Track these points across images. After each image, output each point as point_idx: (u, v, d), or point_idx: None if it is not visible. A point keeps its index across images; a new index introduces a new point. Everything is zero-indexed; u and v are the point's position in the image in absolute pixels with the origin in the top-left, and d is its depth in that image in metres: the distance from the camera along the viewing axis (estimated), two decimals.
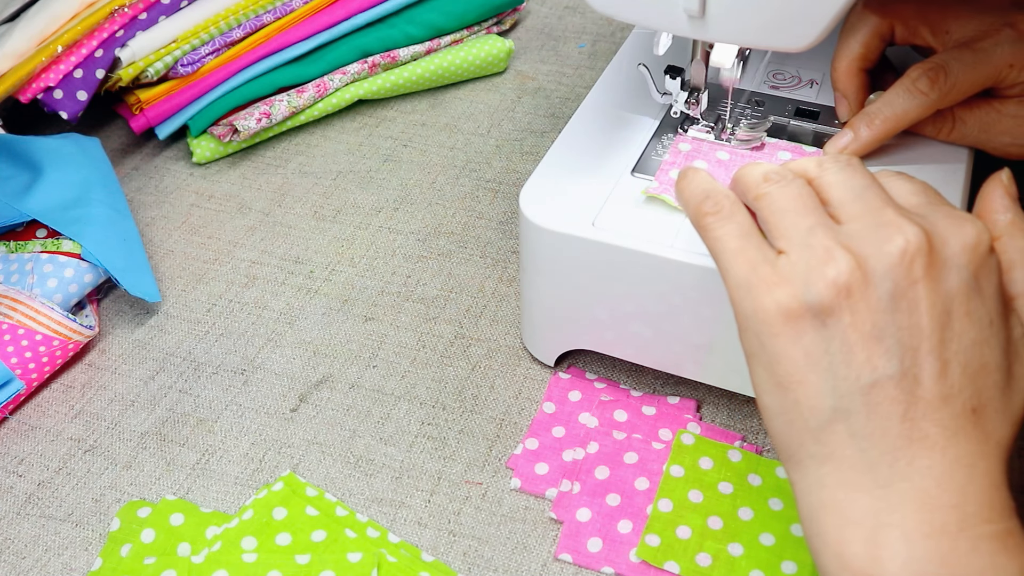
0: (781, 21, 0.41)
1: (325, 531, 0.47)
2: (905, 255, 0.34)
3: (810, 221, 0.36)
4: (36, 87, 0.66)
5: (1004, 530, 0.33)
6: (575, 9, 0.86)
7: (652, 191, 0.48)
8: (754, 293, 0.35)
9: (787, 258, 0.36)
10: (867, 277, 0.34)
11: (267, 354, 0.57)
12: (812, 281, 0.34)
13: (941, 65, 0.47)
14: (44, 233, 0.60)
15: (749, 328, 0.36)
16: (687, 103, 0.51)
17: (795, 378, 0.35)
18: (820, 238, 0.35)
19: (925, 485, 0.33)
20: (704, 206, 0.39)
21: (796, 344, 0.35)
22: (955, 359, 0.34)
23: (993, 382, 0.35)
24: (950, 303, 0.34)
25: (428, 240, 0.64)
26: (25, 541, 0.48)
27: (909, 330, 0.34)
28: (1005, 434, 0.35)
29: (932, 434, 0.34)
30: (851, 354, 0.34)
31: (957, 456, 0.34)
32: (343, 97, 0.74)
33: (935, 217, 0.36)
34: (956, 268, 0.35)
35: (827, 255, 0.35)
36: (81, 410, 0.54)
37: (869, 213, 0.36)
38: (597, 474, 0.49)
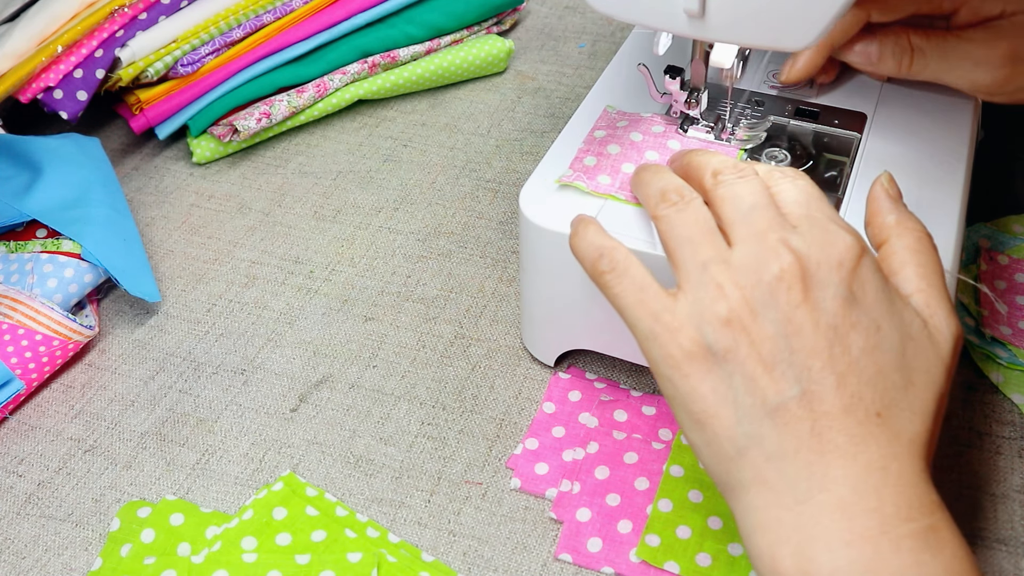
0: (781, 21, 0.41)
1: (325, 531, 0.47)
2: (782, 282, 0.36)
3: (705, 255, 0.38)
4: (36, 87, 0.66)
5: (926, 527, 0.34)
6: (575, 9, 0.86)
7: (565, 179, 0.49)
8: (660, 342, 0.38)
9: (684, 298, 0.38)
10: (753, 310, 0.36)
11: (267, 354, 0.57)
12: (706, 321, 0.37)
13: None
14: (44, 233, 0.60)
15: (661, 374, 0.38)
16: (687, 103, 0.51)
17: (708, 413, 0.37)
18: (712, 274, 0.37)
19: (841, 494, 0.35)
20: (599, 264, 0.41)
21: (703, 382, 0.37)
22: (850, 370, 0.36)
23: (892, 383, 0.36)
24: (834, 319, 0.36)
25: (428, 240, 0.64)
26: (25, 541, 0.48)
27: (801, 352, 0.36)
28: (917, 430, 0.36)
29: (841, 444, 0.35)
30: (753, 383, 0.36)
31: (868, 461, 0.35)
32: (343, 97, 0.74)
33: (811, 234, 0.38)
34: (832, 286, 0.36)
35: (718, 292, 0.37)
36: (81, 410, 0.54)
37: (753, 237, 0.38)
38: (597, 474, 0.49)
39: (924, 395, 0.36)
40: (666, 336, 0.38)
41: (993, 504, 0.47)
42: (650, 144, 0.51)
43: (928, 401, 0.36)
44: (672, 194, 0.41)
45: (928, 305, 0.38)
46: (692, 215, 0.40)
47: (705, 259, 0.38)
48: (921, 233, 0.40)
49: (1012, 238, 0.59)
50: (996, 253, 0.58)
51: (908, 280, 0.39)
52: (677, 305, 0.38)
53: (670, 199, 0.41)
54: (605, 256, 0.41)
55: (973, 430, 0.50)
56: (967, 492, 0.47)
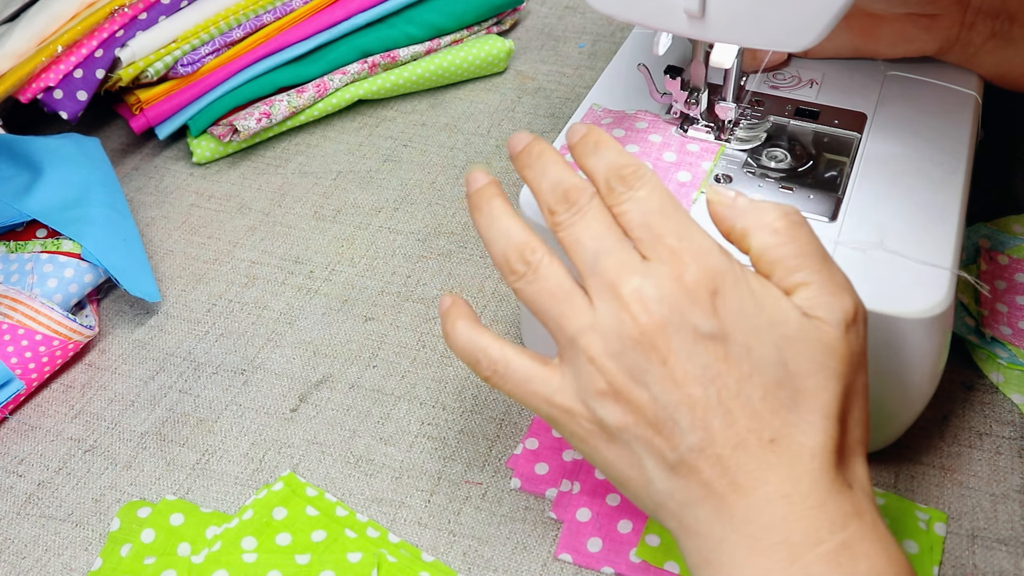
0: (781, 21, 0.41)
1: (325, 531, 0.47)
2: (643, 342, 0.36)
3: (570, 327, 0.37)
4: (36, 87, 0.66)
5: (836, 546, 0.34)
6: (575, 9, 0.86)
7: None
8: (561, 423, 0.39)
9: (567, 373, 0.38)
10: (631, 375, 0.36)
11: (267, 354, 0.57)
12: (591, 397, 0.37)
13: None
14: (44, 233, 0.60)
15: (575, 447, 0.39)
16: (686, 103, 0.51)
17: (623, 477, 0.38)
18: (582, 346, 0.37)
19: (749, 531, 0.35)
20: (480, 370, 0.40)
21: (610, 451, 0.38)
22: (735, 404, 0.35)
23: (779, 403, 0.35)
24: (702, 360, 0.35)
25: (428, 240, 0.64)
26: (25, 541, 0.48)
27: (680, 406, 0.35)
28: (819, 440, 0.35)
29: (741, 482, 0.35)
30: (650, 445, 0.36)
31: (768, 494, 0.35)
32: (343, 97, 0.74)
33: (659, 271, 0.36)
34: (690, 329, 0.35)
35: (592, 366, 0.37)
36: (81, 410, 0.54)
37: (607, 292, 0.37)
38: (597, 474, 0.49)
39: (818, 400, 0.35)
40: (565, 418, 0.38)
41: (993, 504, 0.47)
42: (632, 139, 0.51)
43: (825, 404, 0.35)
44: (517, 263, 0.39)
45: (809, 297, 0.36)
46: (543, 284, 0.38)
47: (572, 333, 0.37)
48: (776, 225, 0.37)
49: (1012, 238, 0.59)
50: (996, 253, 0.58)
51: (784, 277, 0.37)
52: (563, 382, 0.38)
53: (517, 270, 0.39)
54: (481, 361, 0.40)
55: (973, 430, 0.50)
56: (967, 492, 0.47)
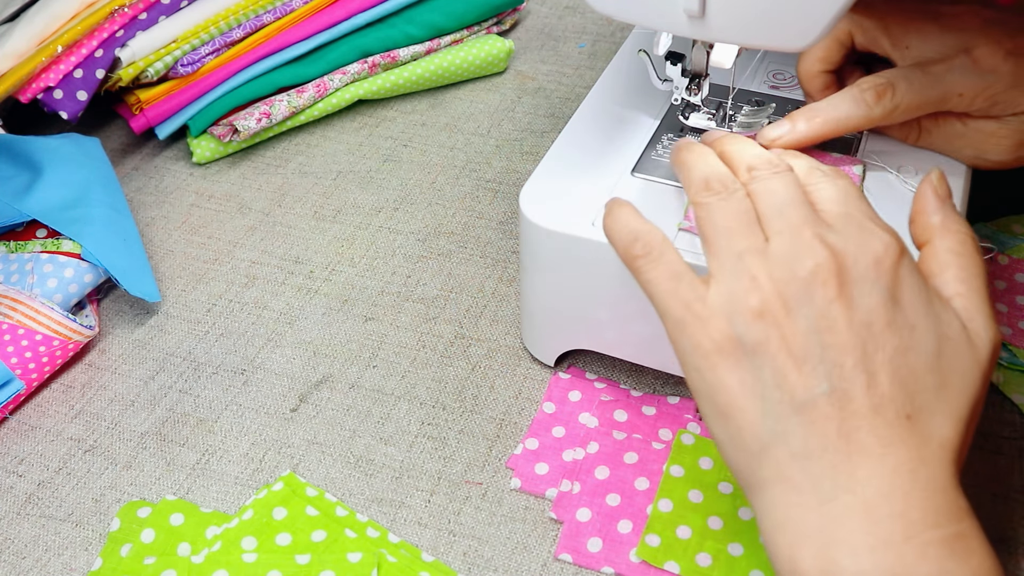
0: (781, 21, 0.41)
1: (325, 531, 0.47)
2: (817, 277, 0.36)
3: (741, 245, 0.38)
4: (36, 87, 0.66)
5: (953, 534, 0.34)
6: (575, 9, 0.86)
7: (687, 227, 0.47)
8: (689, 331, 0.37)
9: (716, 288, 0.37)
10: (786, 303, 0.36)
11: (267, 354, 0.57)
12: (738, 313, 0.36)
13: (890, 83, 0.47)
14: (44, 233, 0.60)
15: (689, 364, 0.38)
16: (688, 89, 0.51)
17: (734, 406, 0.36)
18: (747, 265, 0.37)
19: (867, 496, 0.34)
20: (633, 248, 0.40)
21: (731, 374, 0.36)
22: (882, 370, 0.35)
23: (924, 386, 0.35)
24: (868, 317, 0.36)
25: (428, 240, 0.64)
26: (25, 541, 0.48)
27: (833, 348, 0.35)
28: (947, 434, 0.35)
29: (868, 445, 0.35)
30: (782, 378, 0.35)
31: (896, 464, 0.34)
32: (343, 97, 0.74)
33: (848, 231, 0.37)
34: (868, 283, 0.36)
35: (752, 284, 0.36)
36: (81, 410, 0.54)
37: (788, 231, 0.37)
38: (597, 474, 0.49)
39: (958, 399, 0.36)
40: (696, 326, 0.37)
41: (993, 504, 0.47)
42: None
43: (962, 406, 0.36)
44: (716, 183, 0.40)
45: (967, 309, 0.37)
46: (734, 205, 0.39)
47: (741, 249, 0.38)
48: (965, 236, 0.39)
49: (1012, 238, 0.59)
50: (996, 253, 0.58)
51: (948, 283, 0.38)
52: (709, 294, 0.37)
53: (713, 187, 0.40)
54: (640, 240, 0.40)
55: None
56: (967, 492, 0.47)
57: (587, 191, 0.49)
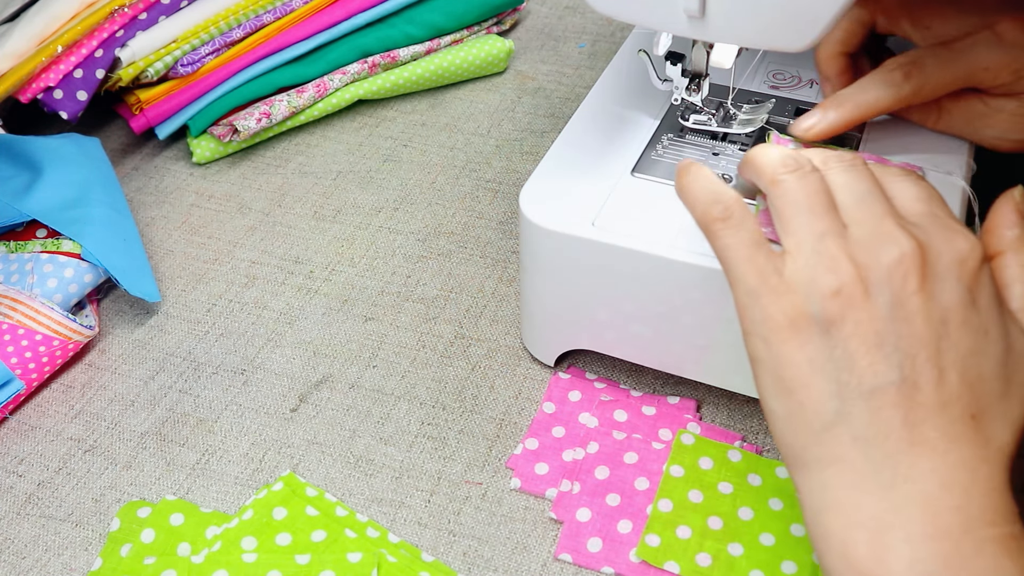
0: (781, 21, 0.41)
1: (325, 531, 0.47)
2: (901, 266, 0.35)
3: (822, 226, 0.37)
4: (36, 87, 0.66)
5: (1007, 533, 0.34)
6: (575, 9, 0.86)
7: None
8: (763, 302, 0.37)
9: (794, 264, 0.37)
10: (867, 288, 0.35)
11: (267, 354, 0.57)
12: (816, 291, 0.36)
13: (916, 60, 0.47)
14: (44, 233, 0.60)
15: (756, 333, 0.37)
16: (688, 89, 0.51)
17: (800, 382, 0.36)
18: (828, 245, 0.36)
19: (928, 487, 0.34)
20: (713, 210, 0.39)
21: (801, 351, 0.36)
22: (952, 367, 0.35)
23: (990, 390, 0.35)
24: (946, 314, 0.35)
25: (428, 240, 0.64)
26: (25, 541, 0.48)
27: (908, 339, 0.35)
28: (1006, 440, 0.35)
29: (932, 438, 0.34)
30: (853, 361, 0.35)
31: (959, 460, 0.34)
32: (343, 97, 0.74)
33: (932, 228, 0.37)
34: (950, 281, 0.36)
35: (832, 264, 0.36)
36: (81, 410, 0.54)
37: (870, 220, 0.37)
38: (597, 474, 0.49)
39: (1018, 408, 0.36)
40: (770, 298, 0.37)
41: None
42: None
43: (1021, 415, 0.36)
44: (792, 162, 0.39)
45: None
46: (813, 184, 0.38)
47: (822, 230, 0.37)
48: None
49: None
50: None
51: (1018, 296, 0.38)
52: (787, 268, 0.37)
53: (790, 165, 0.39)
54: (721, 203, 0.39)
55: None
56: None
57: (587, 191, 0.49)
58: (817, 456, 0.36)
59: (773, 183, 0.39)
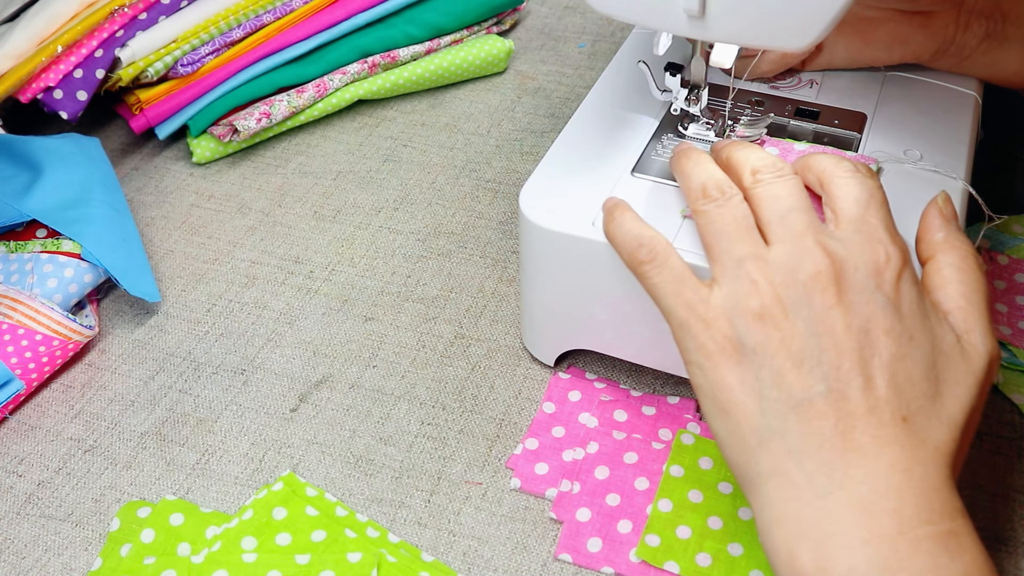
0: (781, 21, 0.41)
1: (325, 531, 0.47)
2: (817, 283, 0.37)
3: (741, 251, 0.39)
4: (36, 87, 0.66)
5: (946, 531, 0.34)
6: (575, 9, 0.86)
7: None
8: (694, 332, 0.39)
9: (718, 291, 0.39)
10: (785, 307, 0.37)
11: (267, 354, 0.57)
12: (739, 315, 0.38)
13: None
14: (44, 233, 0.60)
15: (692, 362, 0.39)
16: (687, 100, 0.51)
17: (733, 403, 0.37)
18: (748, 270, 0.38)
19: (862, 492, 0.35)
20: (638, 254, 0.42)
21: (732, 372, 0.38)
22: (878, 373, 0.36)
23: (920, 392, 0.36)
24: (866, 323, 0.37)
25: (428, 240, 0.64)
26: (25, 541, 0.48)
27: (830, 351, 0.36)
28: (943, 438, 0.36)
29: (864, 443, 0.35)
30: (780, 377, 0.37)
31: (891, 462, 0.35)
32: (343, 97, 0.74)
33: (854, 240, 0.38)
34: (868, 291, 0.37)
35: (752, 288, 0.38)
36: (81, 410, 0.54)
37: (790, 237, 0.38)
38: (597, 474, 0.49)
39: (952, 406, 0.37)
40: (699, 327, 0.38)
41: (993, 504, 0.47)
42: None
43: (955, 412, 0.37)
44: (713, 190, 0.41)
45: (965, 322, 0.38)
46: (731, 212, 0.40)
47: (741, 255, 0.39)
48: (967, 253, 0.40)
49: (1012, 238, 0.59)
50: (996, 253, 0.58)
51: (949, 297, 0.39)
52: (712, 297, 0.39)
53: (711, 195, 0.41)
54: (644, 246, 0.41)
55: None
56: (967, 492, 0.47)
57: (587, 191, 0.49)
58: (758, 472, 0.37)
59: (695, 212, 0.42)
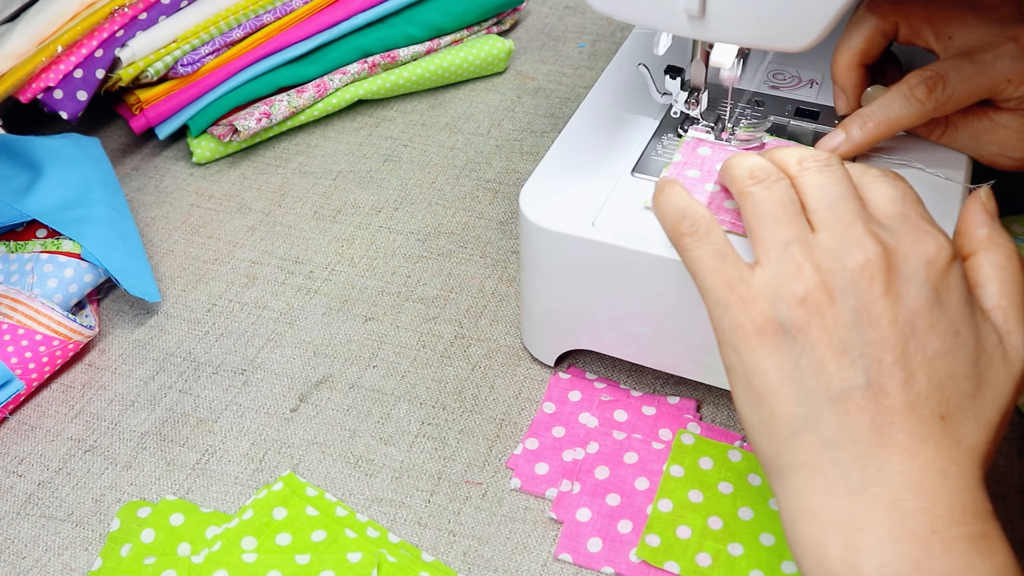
0: (781, 21, 0.41)
1: (325, 531, 0.47)
2: (866, 271, 0.36)
3: (787, 234, 0.38)
4: (36, 87, 0.66)
5: (977, 532, 0.34)
6: (575, 9, 0.86)
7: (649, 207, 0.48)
8: (732, 311, 0.38)
9: (761, 273, 0.38)
10: (832, 294, 0.36)
11: (267, 354, 0.57)
12: (782, 298, 0.37)
13: (940, 75, 0.47)
14: (44, 233, 0.60)
15: (728, 343, 0.38)
16: (687, 103, 0.51)
17: (769, 389, 0.37)
18: (793, 253, 0.37)
19: (896, 489, 0.34)
20: (681, 226, 0.41)
21: (769, 358, 0.37)
22: (920, 369, 0.35)
23: (961, 390, 0.36)
24: (913, 316, 0.36)
25: (428, 240, 0.64)
26: (25, 541, 0.48)
27: (874, 343, 0.36)
28: (978, 439, 0.36)
29: (901, 440, 0.35)
30: (820, 367, 0.36)
31: (927, 461, 0.35)
32: (343, 97, 0.74)
33: (902, 231, 0.37)
34: (917, 283, 0.36)
35: (797, 272, 0.37)
36: (81, 410, 0.54)
37: (839, 225, 0.38)
38: (597, 474, 0.49)
39: (990, 407, 0.36)
40: (739, 307, 0.37)
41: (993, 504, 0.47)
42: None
43: (993, 413, 0.36)
44: (759, 172, 0.41)
45: (1007, 322, 0.38)
46: (779, 194, 0.39)
47: (787, 238, 0.38)
48: (1011, 251, 0.40)
49: (1012, 238, 0.59)
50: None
51: (990, 295, 0.38)
52: (755, 278, 0.38)
53: (757, 176, 0.40)
54: (688, 218, 0.41)
55: None
56: None
57: (587, 191, 0.49)
58: (789, 462, 0.36)
59: (741, 195, 0.41)
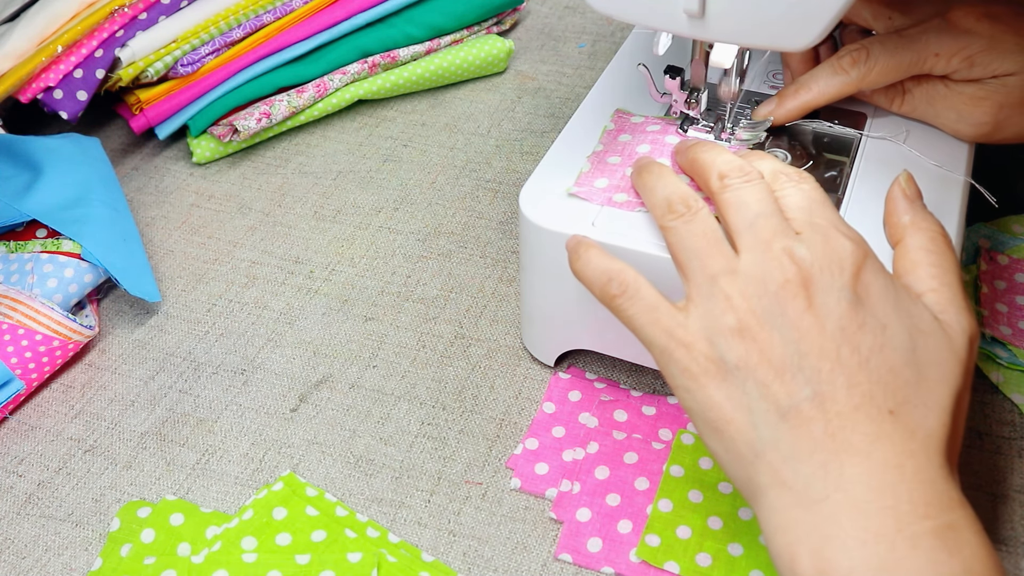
0: (781, 21, 0.41)
1: (325, 531, 0.47)
2: (786, 291, 0.37)
3: (714, 267, 0.39)
4: (36, 87, 0.66)
5: (944, 525, 0.34)
6: (575, 9, 0.86)
7: (574, 192, 0.49)
8: (676, 357, 0.39)
9: (694, 311, 0.39)
10: (761, 319, 0.37)
11: (267, 354, 0.57)
12: (718, 333, 0.38)
13: (865, 47, 0.49)
14: (44, 233, 0.60)
15: (679, 386, 0.39)
16: (687, 103, 0.51)
17: (725, 419, 0.37)
18: (722, 287, 0.38)
19: (858, 492, 0.35)
20: (609, 288, 0.41)
21: (719, 390, 0.38)
22: (859, 370, 0.36)
23: (904, 381, 0.36)
24: (840, 322, 0.37)
25: (428, 240, 0.64)
26: (25, 541, 0.48)
27: (809, 355, 0.36)
28: (932, 425, 0.36)
29: (855, 442, 0.35)
30: (765, 388, 0.37)
31: (883, 459, 0.35)
32: (343, 97, 0.74)
33: (813, 240, 0.38)
34: (836, 290, 0.37)
35: (727, 304, 0.38)
36: (81, 410, 0.54)
37: (758, 246, 0.39)
38: (597, 474, 0.49)
39: (938, 390, 0.37)
40: (681, 351, 0.38)
41: (993, 504, 0.47)
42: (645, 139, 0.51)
43: (943, 396, 0.37)
44: (679, 205, 0.41)
45: (940, 302, 0.38)
46: (700, 227, 0.40)
47: (713, 272, 0.39)
48: (935, 232, 0.40)
49: (1012, 238, 0.59)
50: (996, 253, 0.58)
51: (921, 279, 0.39)
52: (689, 319, 0.39)
53: (677, 210, 0.41)
54: (614, 280, 0.41)
55: (973, 430, 0.50)
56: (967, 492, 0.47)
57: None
58: (759, 484, 0.37)
59: (663, 228, 0.42)
